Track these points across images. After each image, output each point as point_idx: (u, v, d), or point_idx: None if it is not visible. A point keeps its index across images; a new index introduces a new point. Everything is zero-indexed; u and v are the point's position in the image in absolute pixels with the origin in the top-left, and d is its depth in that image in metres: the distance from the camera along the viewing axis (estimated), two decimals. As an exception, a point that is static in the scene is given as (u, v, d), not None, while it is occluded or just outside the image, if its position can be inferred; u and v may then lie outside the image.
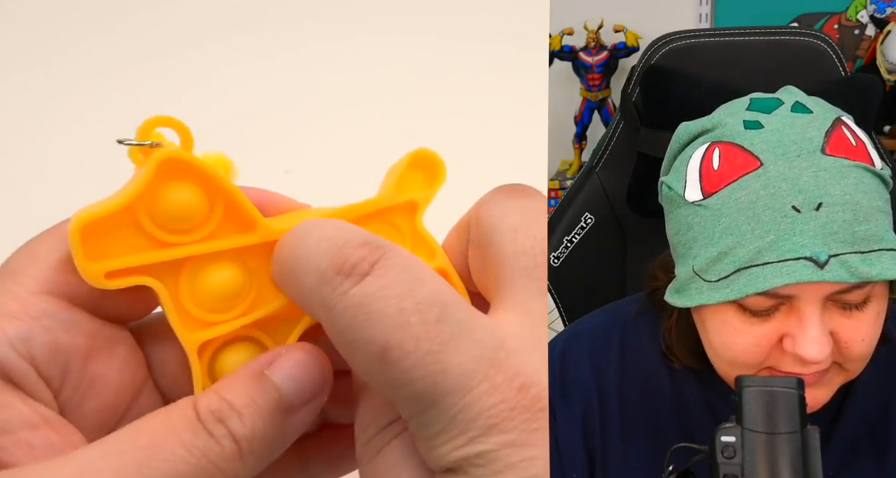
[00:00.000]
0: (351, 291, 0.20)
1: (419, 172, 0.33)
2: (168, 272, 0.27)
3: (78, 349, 0.24)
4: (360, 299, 0.20)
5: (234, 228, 0.29)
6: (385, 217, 0.32)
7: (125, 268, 0.26)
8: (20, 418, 0.22)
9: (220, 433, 0.22)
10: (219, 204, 0.28)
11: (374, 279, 0.20)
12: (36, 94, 0.75)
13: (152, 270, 0.27)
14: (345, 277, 0.21)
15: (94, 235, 0.25)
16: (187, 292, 0.27)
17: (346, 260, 0.21)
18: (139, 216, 0.27)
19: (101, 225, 0.26)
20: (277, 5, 0.84)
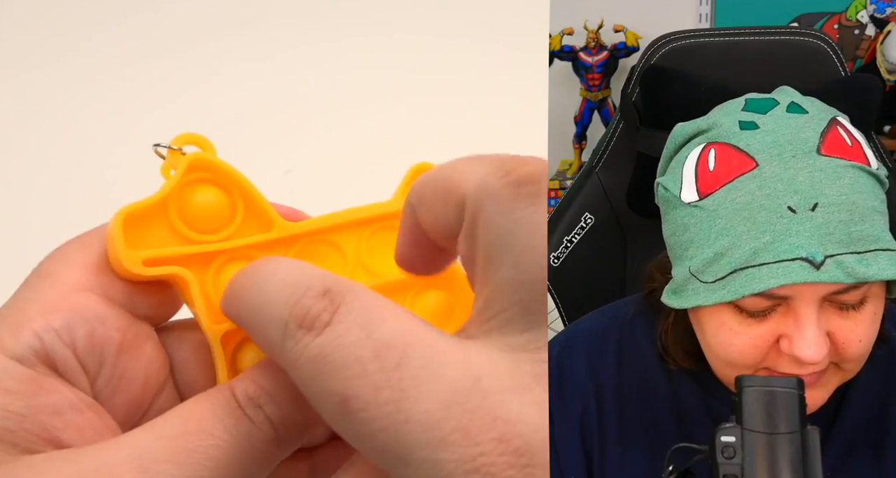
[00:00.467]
0: (311, 344, 0.20)
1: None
2: (197, 266, 0.29)
3: (112, 342, 0.25)
4: (319, 351, 0.20)
5: (255, 228, 0.31)
6: (390, 223, 0.33)
7: (160, 257, 0.28)
8: (67, 402, 0.22)
9: (260, 418, 0.22)
10: (240, 205, 0.31)
11: (332, 329, 0.20)
12: (36, 95, 0.75)
13: (184, 262, 0.29)
14: (306, 331, 0.20)
15: (132, 226, 0.28)
16: (212, 286, 0.29)
17: (307, 312, 0.20)
18: (171, 214, 0.29)
19: (138, 217, 0.28)
20: (277, 5, 0.84)
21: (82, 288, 0.24)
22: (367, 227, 0.33)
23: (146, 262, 0.28)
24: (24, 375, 0.22)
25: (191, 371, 0.28)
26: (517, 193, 0.21)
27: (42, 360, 0.23)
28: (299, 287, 0.21)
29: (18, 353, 0.22)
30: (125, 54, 0.80)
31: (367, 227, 0.33)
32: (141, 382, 0.26)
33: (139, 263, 0.27)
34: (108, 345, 0.25)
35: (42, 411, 0.22)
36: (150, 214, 0.29)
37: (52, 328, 0.23)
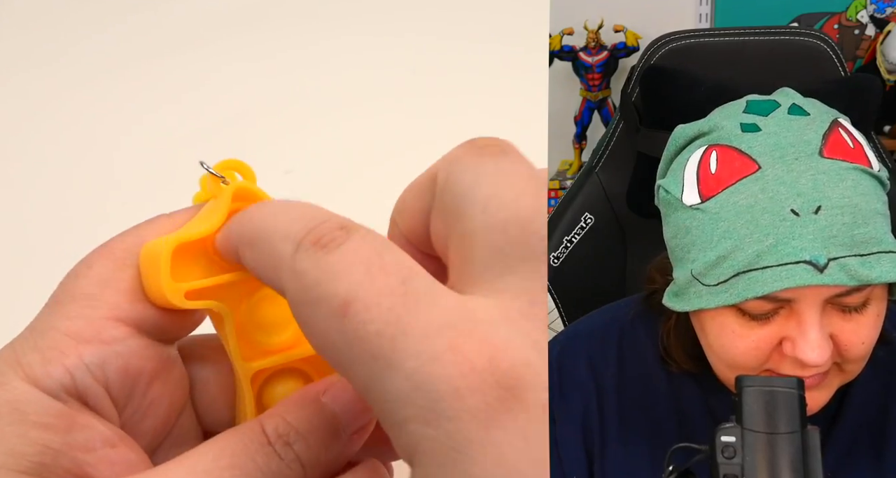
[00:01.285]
0: (324, 256, 0.20)
1: None
2: (234, 299, 0.29)
3: (144, 374, 0.25)
4: (331, 261, 0.20)
5: None
6: None
7: (201, 289, 0.27)
8: (100, 438, 0.23)
9: (290, 457, 0.23)
10: None
11: (346, 246, 0.20)
12: (36, 94, 0.75)
13: (222, 294, 0.28)
14: (320, 247, 0.21)
15: (179, 258, 0.27)
16: (248, 320, 0.29)
17: (322, 232, 0.21)
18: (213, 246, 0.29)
19: (186, 250, 0.27)
20: (277, 5, 0.84)
21: (117, 317, 0.24)
22: None
23: (188, 294, 0.27)
24: (58, 410, 0.23)
25: (210, 391, 0.28)
26: (480, 152, 0.22)
27: (73, 395, 0.23)
28: (316, 218, 0.22)
29: (51, 387, 0.23)
30: (125, 54, 0.80)
31: None
32: (167, 407, 0.26)
33: (182, 296, 0.27)
34: (140, 377, 0.25)
35: (76, 448, 0.22)
36: (198, 244, 0.28)
37: (84, 364, 0.23)
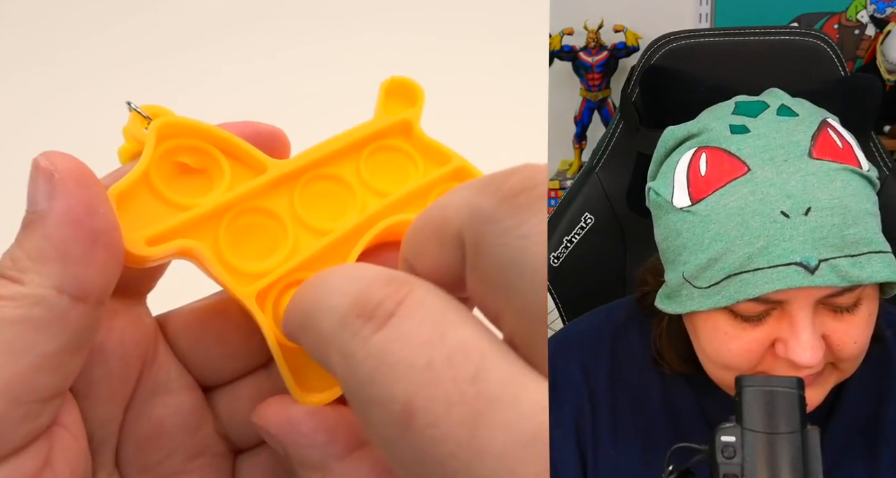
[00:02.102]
0: (373, 337, 0.17)
1: (398, 100, 0.34)
2: (205, 231, 0.27)
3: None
4: (384, 346, 0.17)
5: (248, 175, 0.29)
6: (382, 142, 0.33)
7: (162, 232, 0.26)
8: None
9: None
10: (222, 158, 0.29)
11: (399, 321, 0.17)
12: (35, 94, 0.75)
13: (189, 231, 0.27)
14: (367, 320, 0.17)
15: (124, 208, 0.26)
16: (229, 248, 0.28)
17: (370, 299, 0.18)
18: (157, 186, 0.27)
19: (126, 197, 0.26)
20: (277, 5, 0.84)
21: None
22: (361, 150, 0.33)
23: (150, 240, 0.26)
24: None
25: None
26: (514, 205, 0.18)
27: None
28: (363, 278, 0.19)
29: None
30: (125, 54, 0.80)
31: (360, 151, 0.32)
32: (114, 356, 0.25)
33: (143, 244, 0.25)
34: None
35: None
36: (137, 190, 0.27)
37: None
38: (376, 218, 0.30)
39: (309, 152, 0.31)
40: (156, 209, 0.27)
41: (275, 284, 0.28)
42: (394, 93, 0.35)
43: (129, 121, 0.29)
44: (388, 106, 0.34)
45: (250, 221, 0.29)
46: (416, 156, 0.33)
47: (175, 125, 0.28)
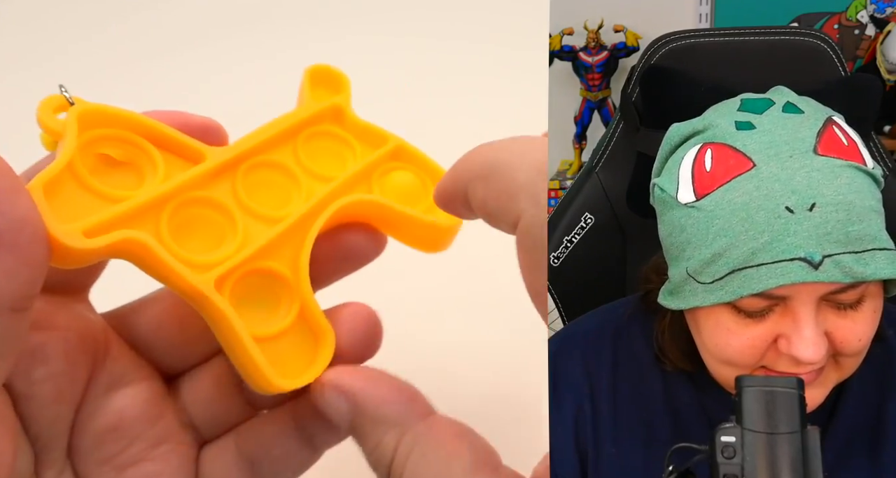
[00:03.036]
0: None
1: (323, 88, 0.35)
2: (145, 222, 0.26)
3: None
4: None
5: (184, 165, 0.28)
6: (316, 129, 0.33)
7: (99, 223, 0.24)
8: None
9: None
10: (151, 147, 0.28)
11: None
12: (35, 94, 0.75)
13: (128, 223, 0.26)
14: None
15: (54, 200, 0.24)
16: (173, 240, 0.27)
17: None
18: (84, 177, 0.26)
19: (53, 188, 0.24)
20: (277, 5, 0.84)
21: None
22: (296, 137, 0.32)
23: (87, 232, 0.24)
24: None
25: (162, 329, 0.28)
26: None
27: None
28: (546, 147, 0.25)
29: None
30: (125, 54, 0.80)
31: (294, 137, 0.32)
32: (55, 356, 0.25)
33: (79, 235, 0.23)
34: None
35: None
36: (62, 181, 0.25)
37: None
38: (325, 202, 0.31)
39: (244, 140, 0.31)
40: (87, 201, 0.25)
41: (231, 272, 0.27)
42: (319, 81, 0.35)
43: (40, 106, 0.26)
44: (314, 94, 0.34)
45: (194, 212, 0.28)
46: (352, 139, 0.34)
47: (96, 113, 0.26)
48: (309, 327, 0.31)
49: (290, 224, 0.29)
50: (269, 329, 0.29)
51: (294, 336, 0.30)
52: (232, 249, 0.28)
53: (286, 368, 0.27)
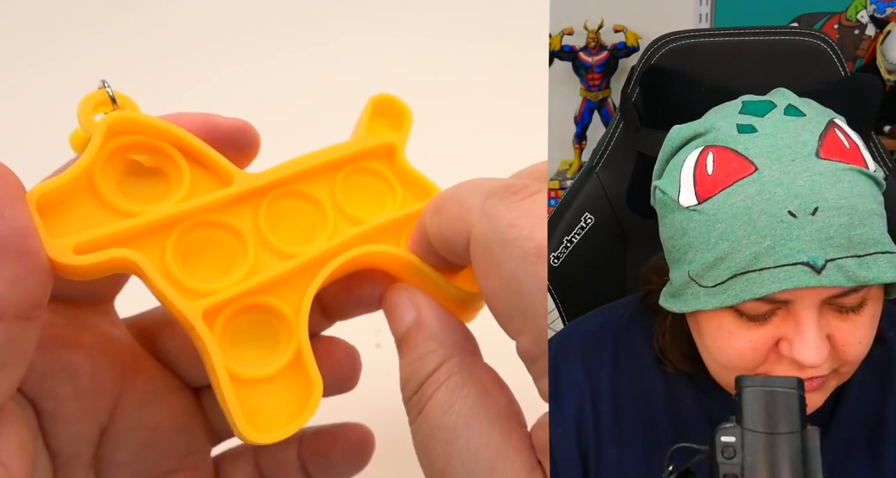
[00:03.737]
0: (516, 203, 0.22)
1: (384, 119, 0.32)
2: (149, 242, 0.25)
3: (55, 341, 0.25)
4: (526, 206, 0.22)
5: (212, 185, 0.27)
6: (361, 163, 0.31)
7: (95, 239, 0.23)
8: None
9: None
10: (184, 163, 0.26)
11: (541, 196, 0.22)
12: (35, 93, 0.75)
13: (129, 240, 0.24)
14: (513, 193, 0.22)
15: (53, 210, 0.23)
16: (176, 262, 0.25)
17: (513, 185, 0.23)
18: (99, 188, 0.24)
19: (58, 197, 0.23)
20: (277, 5, 0.84)
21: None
22: (338, 171, 0.30)
23: (78, 248, 0.22)
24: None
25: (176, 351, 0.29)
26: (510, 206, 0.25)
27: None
28: (502, 179, 0.25)
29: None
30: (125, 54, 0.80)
31: (337, 171, 0.30)
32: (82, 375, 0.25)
33: (69, 251, 0.22)
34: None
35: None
36: (72, 192, 0.23)
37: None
38: (346, 246, 0.28)
39: (282, 167, 0.28)
40: (95, 214, 0.24)
41: (227, 303, 0.25)
42: (381, 111, 0.32)
43: (81, 103, 0.25)
44: (373, 126, 0.32)
45: (206, 235, 0.26)
46: (396, 183, 0.31)
47: (131, 121, 0.25)
48: (300, 374, 0.28)
49: (302, 262, 0.27)
50: (261, 371, 0.27)
51: (283, 382, 0.27)
52: (237, 278, 0.26)
53: (268, 416, 0.25)
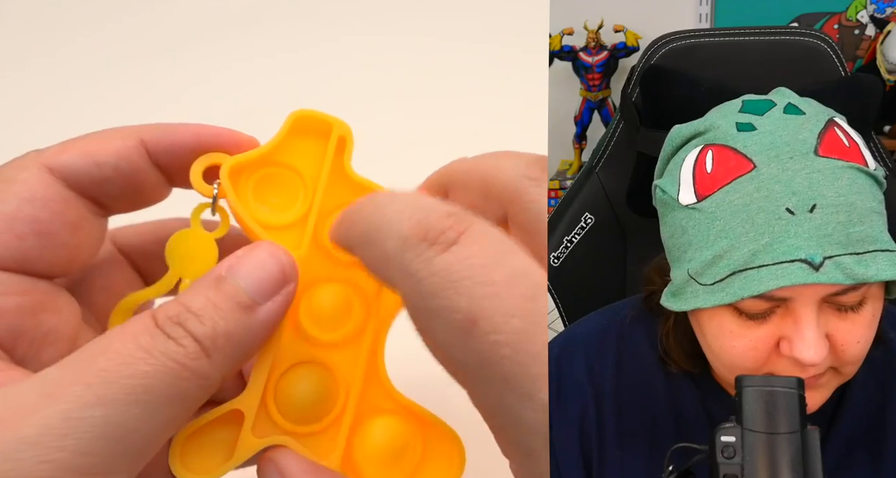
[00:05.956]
0: (436, 258, 0.19)
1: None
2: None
3: (20, 308, 0.25)
4: (447, 267, 0.19)
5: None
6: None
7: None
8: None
9: (179, 334, 0.22)
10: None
11: (460, 248, 0.19)
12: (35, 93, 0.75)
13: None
14: (430, 245, 0.19)
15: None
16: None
17: (430, 228, 0.20)
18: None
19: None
20: (277, 5, 0.84)
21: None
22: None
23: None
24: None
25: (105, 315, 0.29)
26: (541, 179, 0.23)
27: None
28: (422, 208, 0.21)
29: None
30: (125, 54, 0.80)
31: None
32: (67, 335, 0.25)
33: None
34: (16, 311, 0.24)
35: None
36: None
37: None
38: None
39: None
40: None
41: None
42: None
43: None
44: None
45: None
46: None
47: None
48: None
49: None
50: None
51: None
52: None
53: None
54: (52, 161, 0.26)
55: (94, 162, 0.26)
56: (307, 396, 0.27)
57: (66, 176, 0.26)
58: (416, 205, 0.21)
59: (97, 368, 0.21)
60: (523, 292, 0.18)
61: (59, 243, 0.26)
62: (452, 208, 0.21)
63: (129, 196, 0.28)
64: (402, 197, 0.22)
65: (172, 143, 0.28)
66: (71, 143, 0.27)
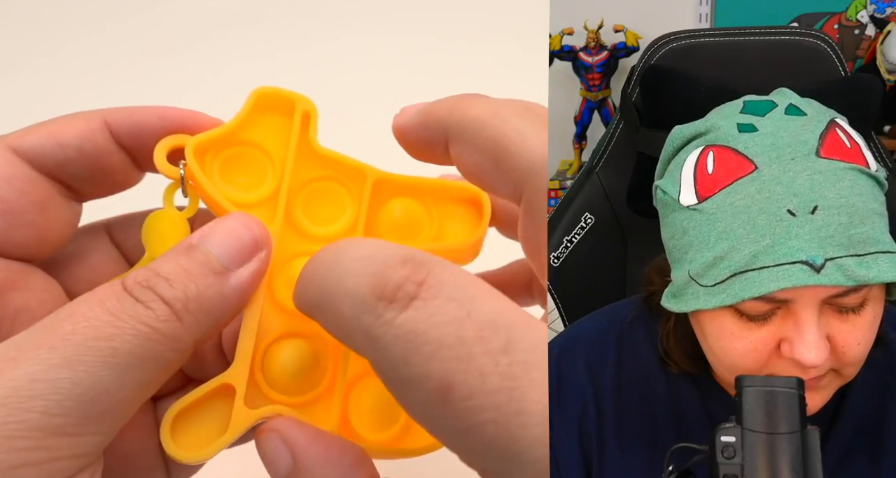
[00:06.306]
0: (397, 319, 0.18)
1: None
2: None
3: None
4: (411, 328, 0.17)
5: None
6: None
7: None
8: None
9: (148, 298, 0.21)
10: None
11: (422, 304, 0.18)
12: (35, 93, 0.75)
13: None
14: (388, 303, 0.18)
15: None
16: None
17: (387, 282, 0.18)
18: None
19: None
20: (277, 5, 0.84)
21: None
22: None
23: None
24: None
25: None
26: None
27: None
28: (377, 258, 0.19)
29: None
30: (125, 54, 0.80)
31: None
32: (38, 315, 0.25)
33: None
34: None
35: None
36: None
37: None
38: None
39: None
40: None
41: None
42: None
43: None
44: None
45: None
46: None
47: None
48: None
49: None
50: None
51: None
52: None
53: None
54: (16, 143, 0.26)
55: (57, 143, 0.26)
56: (295, 367, 0.26)
57: (31, 158, 0.26)
58: (368, 255, 0.20)
59: (63, 331, 0.20)
60: (496, 347, 0.17)
61: (25, 222, 0.25)
62: (409, 253, 0.19)
63: (97, 179, 0.28)
64: (355, 246, 0.21)
65: (136, 123, 0.28)
66: (36, 126, 0.27)
